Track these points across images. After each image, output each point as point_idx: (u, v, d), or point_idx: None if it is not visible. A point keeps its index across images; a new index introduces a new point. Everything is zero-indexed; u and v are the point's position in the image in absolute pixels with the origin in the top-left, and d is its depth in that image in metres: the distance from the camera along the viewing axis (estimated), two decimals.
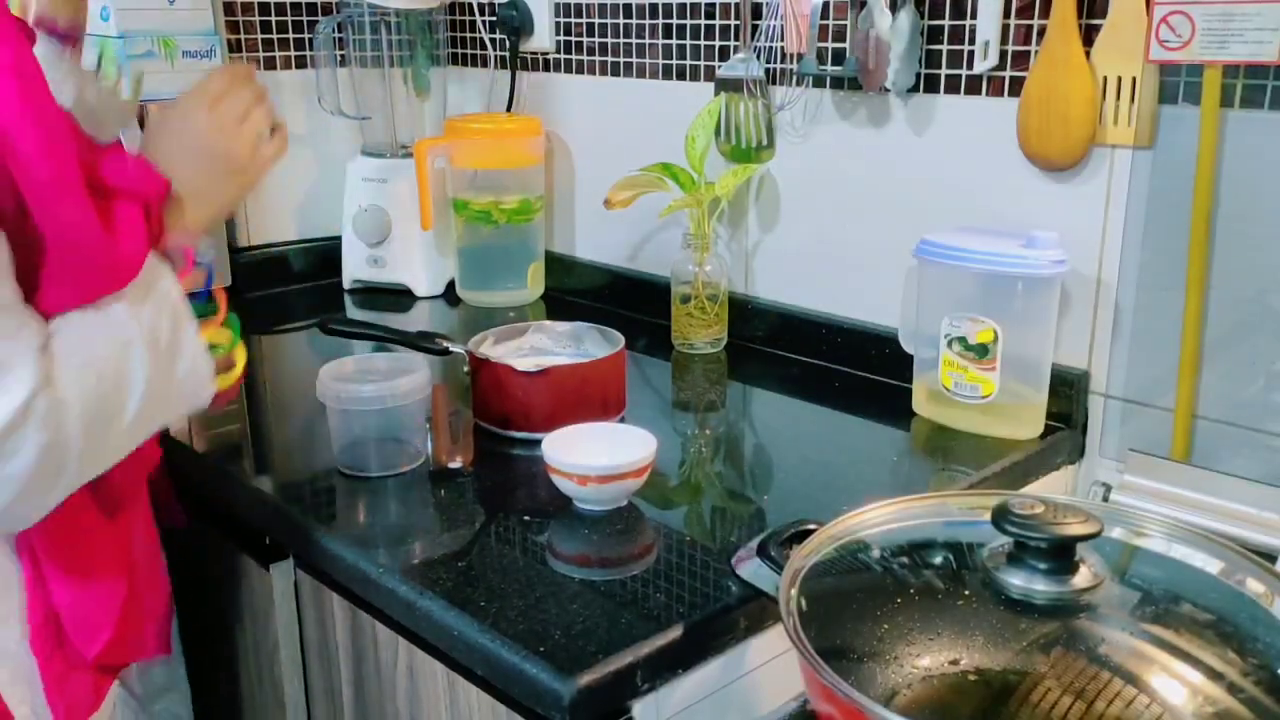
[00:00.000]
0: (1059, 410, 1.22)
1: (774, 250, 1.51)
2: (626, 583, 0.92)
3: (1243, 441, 1.12)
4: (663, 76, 1.59)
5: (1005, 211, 1.26)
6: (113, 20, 1.58)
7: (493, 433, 1.21)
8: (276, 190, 1.85)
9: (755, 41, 1.44)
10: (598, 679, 0.79)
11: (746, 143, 1.46)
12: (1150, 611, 0.71)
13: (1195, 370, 1.14)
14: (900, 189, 1.35)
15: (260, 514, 1.11)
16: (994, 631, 0.68)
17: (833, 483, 1.12)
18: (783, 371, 1.45)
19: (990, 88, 1.25)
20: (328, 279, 1.86)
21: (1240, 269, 1.10)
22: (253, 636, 1.14)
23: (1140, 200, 1.16)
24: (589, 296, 1.76)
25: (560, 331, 1.32)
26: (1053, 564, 0.71)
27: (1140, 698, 0.63)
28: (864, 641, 0.69)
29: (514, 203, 1.70)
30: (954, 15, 1.26)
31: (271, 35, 1.81)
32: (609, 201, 1.48)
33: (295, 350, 1.60)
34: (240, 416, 1.32)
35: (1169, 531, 0.78)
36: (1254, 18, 1.02)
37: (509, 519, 1.04)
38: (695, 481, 1.14)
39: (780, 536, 0.82)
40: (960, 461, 1.17)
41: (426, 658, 0.93)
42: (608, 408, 1.22)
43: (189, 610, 1.17)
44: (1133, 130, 1.14)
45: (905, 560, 0.78)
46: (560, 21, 1.72)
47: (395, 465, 1.11)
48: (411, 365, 1.14)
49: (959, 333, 1.20)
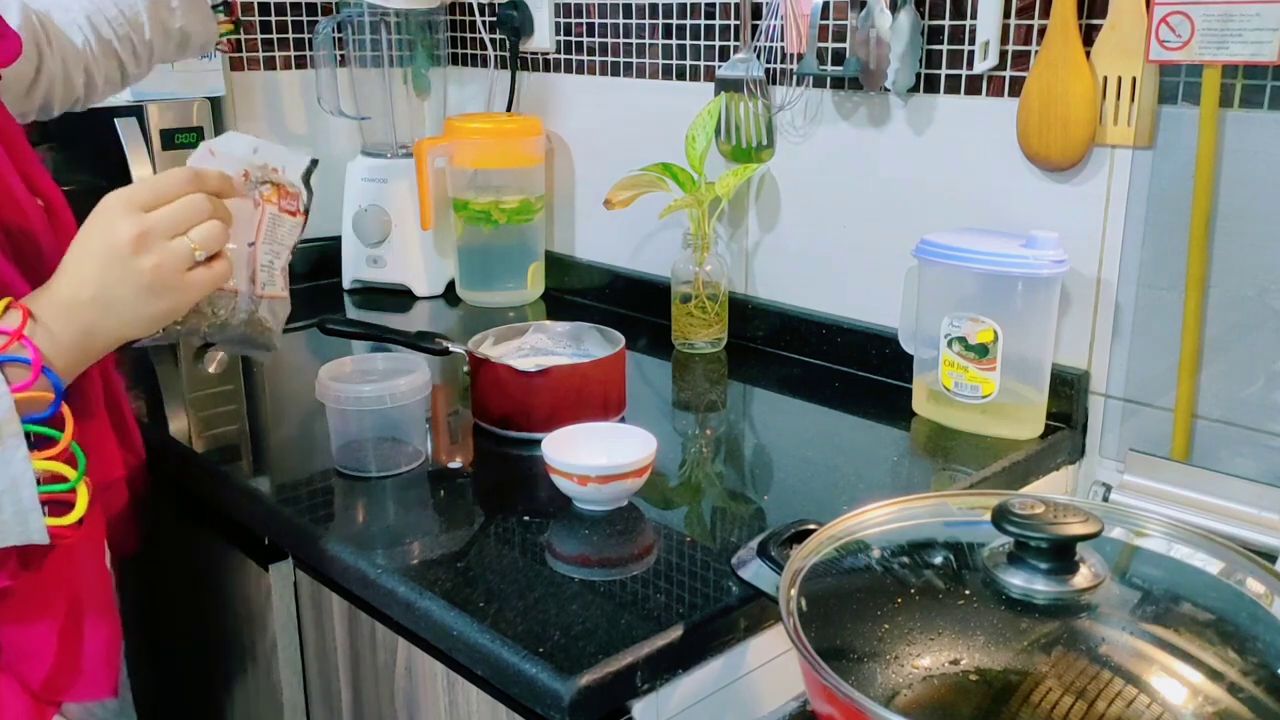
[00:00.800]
0: (1059, 410, 1.22)
1: (774, 250, 1.51)
2: (626, 583, 0.92)
3: (1243, 441, 1.12)
4: (663, 76, 1.59)
5: (1005, 211, 1.26)
6: None
7: (492, 433, 1.21)
8: None
9: (755, 41, 1.44)
10: (597, 679, 0.79)
11: (746, 143, 1.46)
12: (1150, 611, 0.71)
13: (1195, 370, 1.14)
14: (900, 189, 1.35)
15: (259, 514, 1.11)
16: (994, 631, 0.68)
17: (833, 483, 1.12)
18: (783, 371, 1.45)
19: (990, 88, 1.25)
20: (328, 279, 1.86)
21: (1240, 269, 1.10)
22: (251, 637, 1.14)
23: (1140, 200, 1.16)
24: (589, 296, 1.76)
25: (560, 331, 1.32)
26: (1053, 564, 0.71)
27: (1140, 698, 0.63)
28: (864, 641, 0.69)
29: (514, 203, 1.70)
30: (954, 15, 1.26)
31: (271, 35, 1.81)
32: (609, 201, 1.48)
33: (295, 350, 1.60)
34: (239, 417, 1.32)
35: (1169, 531, 0.78)
36: (1253, 18, 1.02)
37: (509, 519, 1.04)
38: (695, 481, 1.14)
39: (780, 537, 0.82)
40: (960, 461, 1.17)
41: (426, 658, 0.93)
42: (608, 408, 1.22)
43: (189, 610, 1.17)
44: (1133, 130, 1.14)
45: (905, 560, 0.77)
46: (560, 21, 1.72)
47: (394, 465, 1.11)
48: (411, 365, 1.14)
49: (959, 333, 1.20)
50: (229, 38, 1.33)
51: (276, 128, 1.84)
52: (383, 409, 1.09)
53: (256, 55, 1.80)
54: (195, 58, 1.37)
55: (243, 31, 1.78)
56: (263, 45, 1.81)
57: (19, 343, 0.73)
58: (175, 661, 1.32)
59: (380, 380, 1.11)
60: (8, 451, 0.72)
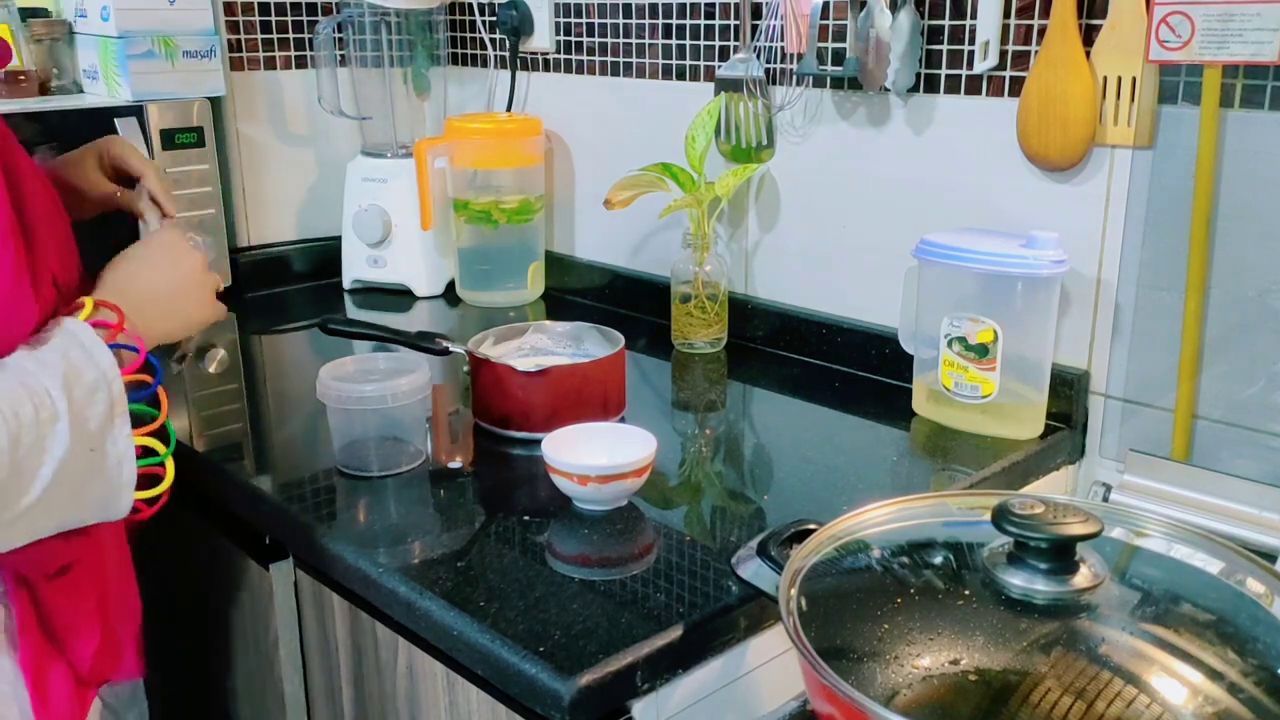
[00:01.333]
0: (1059, 410, 1.22)
1: (774, 250, 1.51)
2: (626, 583, 0.92)
3: (1243, 441, 1.12)
4: (663, 76, 1.59)
5: (1005, 211, 1.26)
6: (113, 20, 1.58)
7: (493, 433, 1.21)
8: (277, 190, 1.86)
9: (755, 41, 1.44)
10: (597, 679, 0.79)
11: (746, 143, 1.46)
12: (1150, 611, 0.71)
13: (1195, 370, 1.14)
14: (900, 189, 1.35)
15: (260, 514, 1.11)
16: (994, 631, 0.68)
17: (833, 483, 1.12)
18: (783, 371, 1.45)
19: (990, 88, 1.25)
20: (328, 279, 1.86)
21: (1240, 269, 1.10)
22: (253, 636, 1.14)
23: (1140, 200, 1.16)
24: (589, 296, 1.76)
25: (560, 331, 1.32)
26: (1053, 564, 0.71)
27: (1140, 698, 0.63)
28: (864, 641, 0.69)
29: (514, 203, 1.70)
30: (954, 15, 1.26)
31: (271, 35, 1.81)
32: (609, 201, 1.48)
33: (295, 350, 1.60)
34: (240, 416, 1.32)
35: (1169, 531, 0.78)
36: (1254, 18, 1.02)
37: (509, 519, 1.04)
38: (695, 481, 1.14)
39: (780, 536, 0.82)
40: (960, 461, 1.17)
41: (426, 657, 0.93)
42: (608, 408, 1.22)
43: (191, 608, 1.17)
44: (1133, 130, 1.14)
45: (905, 560, 0.77)
46: (560, 21, 1.72)
47: (395, 465, 1.11)
48: (411, 365, 1.14)
49: (959, 333, 1.20)
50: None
51: (276, 128, 1.84)
52: (384, 408, 1.09)
53: (256, 55, 1.80)
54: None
55: (243, 31, 1.78)
56: (263, 45, 1.81)
57: (123, 332, 0.84)
58: (178, 659, 1.32)
59: (382, 380, 1.11)
60: (118, 429, 0.80)
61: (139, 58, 1.59)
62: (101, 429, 0.78)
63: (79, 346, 0.79)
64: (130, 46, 1.58)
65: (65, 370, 0.76)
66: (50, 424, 0.74)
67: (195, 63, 1.64)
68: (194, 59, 1.64)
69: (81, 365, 0.78)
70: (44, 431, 0.74)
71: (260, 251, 1.84)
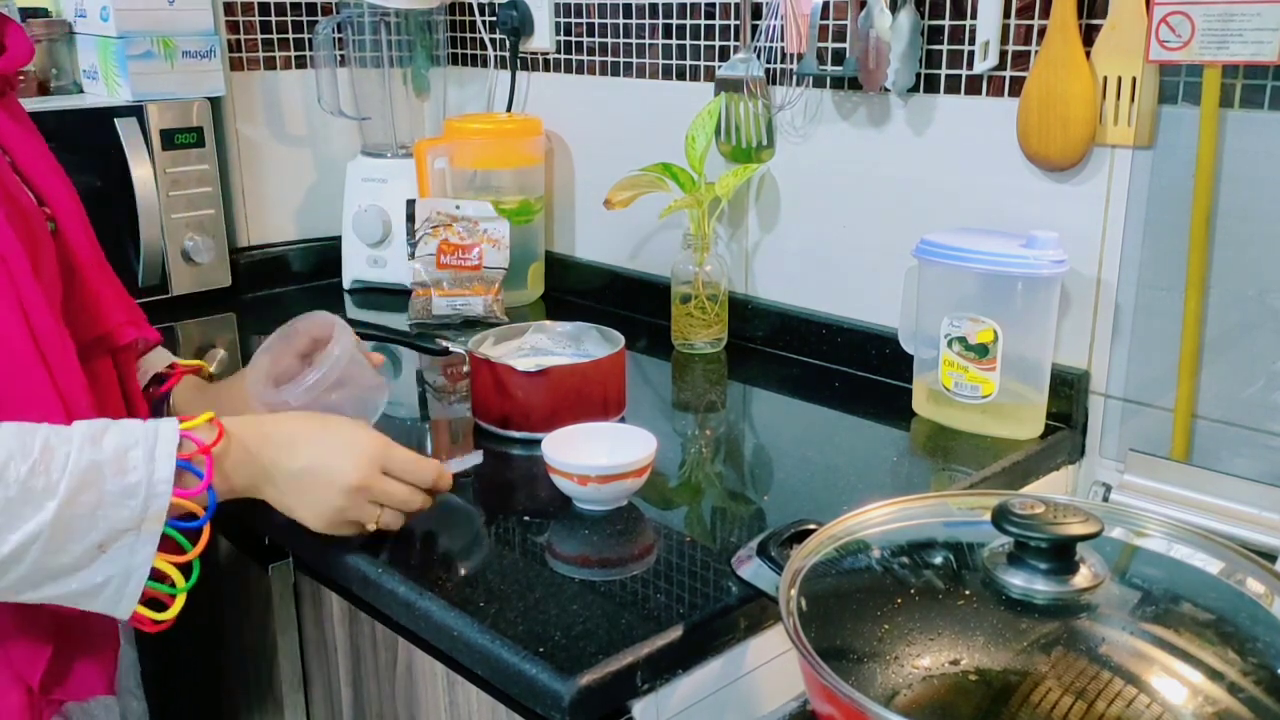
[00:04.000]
0: (1059, 410, 1.22)
1: (774, 250, 1.51)
2: (626, 583, 0.92)
3: (1243, 441, 1.12)
4: (663, 76, 1.59)
5: (1005, 211, 1.26)
6: (113, 20, 1.58)
7: (493, 433, 1.21)
8: (277, 190, 1.86)
9: (755, 41, 1.44)
10: (597, 679, 0.79)
11: (746, 143, 1.46)
12: (1150, 611, 0.71)
13: (1195, 370, 1.14)
14: (900, 189, 1.35)
15: (259, 514, 1.10)
16: (994, 631, 0.68)
17: (833, 483, 1.12)
18: (783, 371, 1.45)
19: (990, 88, 1.25)
20: (328, 279, 1.86)
21: (1240, 269, 1.10)
22: (251, 637, 1.14)
23: (1140, 200, 1.16)
24: (589, 296, 1.76)
25: (560, 331, 1.32)
26: (1053, 564, 0.71)
27: (1140, 698, 0.63)
28: (864, 641, 0.69)
29: (514, 203, 1.70)
30: (954, 15, 1.26)
31: (271, 35, 1.81)
32: (609, 202, 1.48)
33: None
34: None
35: (1169, 531, 0.78)
36: (1254, 18, 1.02)
37: (509, 519, 1.04)
38: (695, 481, 1.14)
39: (780, 537, 0.82)
40: (960, 461, 1.17)
41: (426, 658, 0.93)
42: (608, 408, 1.22)
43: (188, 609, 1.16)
44: (1133, 130, 1.14)
45: (905, 560, 0.77)
46: (560, 21, 1.72)
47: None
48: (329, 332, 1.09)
49: (959, 333, 1.20)
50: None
51: (276, 128, 1.84)
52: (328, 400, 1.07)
53: (256, 55, 1.80)
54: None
55: (243, 32, 1.78)
56: (263, 45, 1.81)
57: (203, 457, 0.82)
58: (176, 660, 1.32)
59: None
60: (140, 543, 0.79)
61: (139, 58, 1.59)
62: (120, 532, 0.78)
63: (142, 446, 0.79)
64: (130, 47, 1.58)
65: (99, 460, 0.76)
66: (41, 495, 0.74)
67: (195, 63, 1.64)
68: (194, 59, 1.64)
69: (130, 465, 0.78)
70: (26, 498, 0.73)
71: (260, 252, 1.84)
